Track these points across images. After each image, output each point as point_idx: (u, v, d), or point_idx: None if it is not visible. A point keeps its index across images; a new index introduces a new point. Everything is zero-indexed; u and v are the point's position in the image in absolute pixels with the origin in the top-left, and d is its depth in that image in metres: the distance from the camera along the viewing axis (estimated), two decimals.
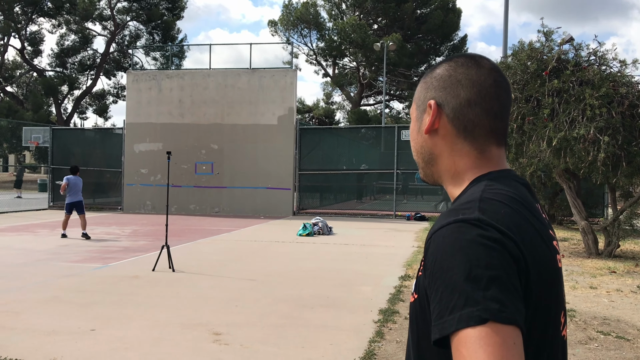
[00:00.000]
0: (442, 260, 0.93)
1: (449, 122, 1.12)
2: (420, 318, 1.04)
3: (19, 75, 48.28)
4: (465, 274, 0.90)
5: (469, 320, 0.86)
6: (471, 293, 0.88)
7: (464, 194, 1.09)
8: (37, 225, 15.21)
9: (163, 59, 44.40)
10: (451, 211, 1.02)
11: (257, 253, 10.69)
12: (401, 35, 37.88)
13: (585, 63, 9.89)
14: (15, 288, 7.10)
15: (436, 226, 1.00)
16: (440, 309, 0.91)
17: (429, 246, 0.99)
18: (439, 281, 0.93)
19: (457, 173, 1.13)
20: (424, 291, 1.00)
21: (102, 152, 22.35)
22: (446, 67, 1.15)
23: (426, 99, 1.16)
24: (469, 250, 0.92)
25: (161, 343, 4.98)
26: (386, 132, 21.28)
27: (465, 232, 0.94)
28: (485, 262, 0.91)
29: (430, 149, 1.16)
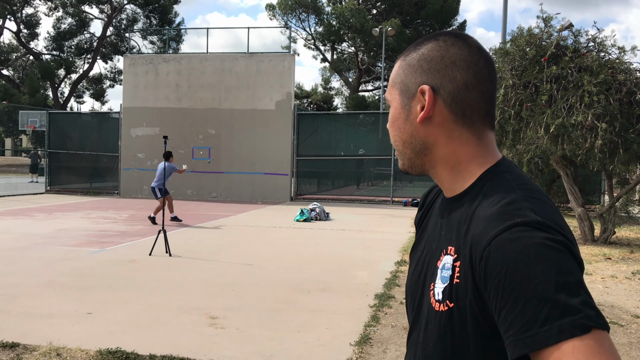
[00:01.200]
0: (517, 269, 0.86)
1: (446, 108, 1.03)
2: (459, 328, 0.97)
3: (15, 58, 47.97)
4: (553, 282, 0.83)
5: (573, 330, 0.80)
6: (567, 301, 0.82)
7: (485, 189, 1.01)
8: (34, 209, 15.20)
9: (160, 43, 44.16)
10: (498, 214, 0.93)
11: (254, 238, 10.71)
12: (400, 20, 37.67)
13: (584, 49, 9.86)
14: (12, 272, 7.11)
15: (490, 230, 0.91)
16: (524, 321, 0.83)
17: (490, 255, 0.89)
18: (518, 292, 0.85)
19: (458, 162, 1.06)
20: (470, 299, 0.94)
21: (99, 137, 22.30)
22: (435, 47, 1.06)
23: (415, 84, 1.06)
24: (546, 256, 0.86)
25: (157, 326, 5.00)
26: (384, 118, 21.23)
27: (533, 237, 0.87)
28: (566, 267, 0.86)
29: (423, 137, 1.06)
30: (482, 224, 0.94)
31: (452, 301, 0.98)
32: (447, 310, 0.99)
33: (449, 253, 1.02)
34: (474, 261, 0.93)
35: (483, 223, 0.94)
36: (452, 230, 1.03)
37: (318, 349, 4.54)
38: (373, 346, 4.58)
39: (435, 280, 1.03)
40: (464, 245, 0.98)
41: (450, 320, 0.98)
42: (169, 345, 4.48)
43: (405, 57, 1.10)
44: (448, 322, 0.99)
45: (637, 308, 5.97)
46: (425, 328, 1.06)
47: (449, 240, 1.03)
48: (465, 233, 0.98)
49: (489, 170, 1.04)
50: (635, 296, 6.51)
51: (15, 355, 4.21)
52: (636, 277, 7.56)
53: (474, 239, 0.94)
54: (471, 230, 0.96)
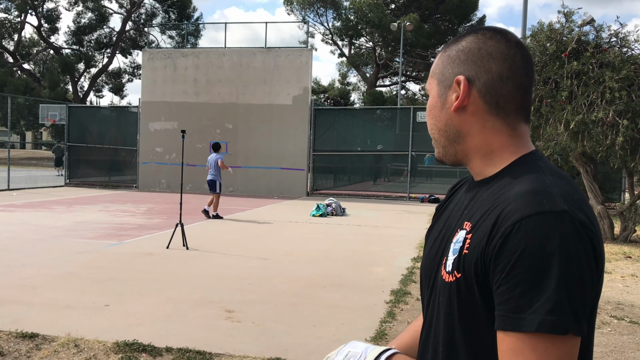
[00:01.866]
0: (532, 255, 0.91)
1: (480, 98, 1.08)
2: (465, 297, 1.02)
3: (35, 52, 48.51)
4: (557, 279, 0.90)
5: (552, 327, 0.89)
6: (560, 302, 0.89)
7: (513, 171, 1.05)
8: (53, 202, 15.38)
9: (178, 38, 44.35)
10: (527, 194, 0.97)
11: (270, 233, 10.73)
12: (419, 15, 37.42)
13: (605, 45, 9.71)
14: (32, 263, 7.20)
15: (518, 211, 0.95)
16: (518, 303, 0.91)
17: (512, 233, 0.94)
18: (524, 275, 0.91)
19: (491, 151, 1.09)
20: (473, 271, 0.99)
21: (118, 131, 22.48)
22: (474, 40, 1.10)
23: (452, 74, 1.11)
24: (561, 251, 0.91)
25: (174, 319, 5.03)
26: (402, 114, 21.14)
27: (556, 229, 0.92)
28: (579, 266, 0.91)
29: (457, 126, 1.11)
30: (512, 203, 0.98)
31: (460, 271, 1.02)
32: (455, 280, 1.03)
33: (464, 228, 1.06)
34: (493, 236, 0.97)
35: (513, 203, 0.98)
36: (475, 208, 1.07)
37: (334, 344, 4.53)
38: (389, 342, 4.55)
39: (448, 254, 1.07)
40: (484, 220, 1.01)
41: (458, 290, 1.02)
42: (186, 338, 4.51)
43: (445, 50, 1.15)
44: (455, 292, 1.03)
45: None
46: (438, 301, 1.09)
47: (468, 217, 1.07)
48: (489, 210, 1.02)
49: (522, 157, 1.08)
50: None
51: (34, 345, 4.26)
52: None
53: (501, 215, 0.97)
54: (498, 208, 0.99)
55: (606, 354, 4.43)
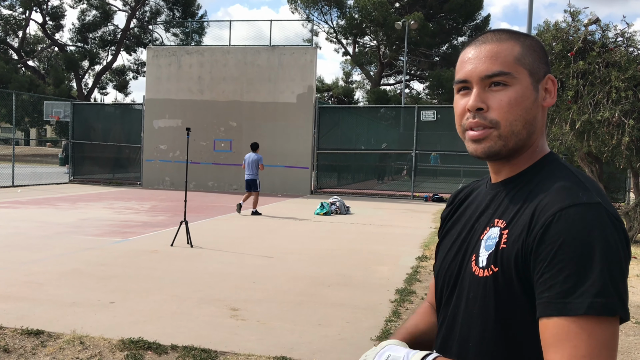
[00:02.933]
0: (573, 243, 0.94)
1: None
2: (504, 291, 1.04)
3: (40, 49, 48.60)
4: (602, 263, 0.93)
5: (602, 309, 0.91)
6: (605, 286, 0.92)
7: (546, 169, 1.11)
8: (58, 198, 15.41)
9: (183, 35, 44.40)
10: (563, 189, 1.02)
11: (274, 231, 10.73)
12: (423, 14, 37.35)
13: (612, 44, 9.67)
14: (37, 260, 7.22)
15: (557, 203, 1.00)
16: (563, 289, 0.93)
17: (552, 223, 0.97)
18: (567, 262, 0.94)
19: (538, 147, 1.16)
20: (513, 264, 1.02)
21: (122, 128, 22.50)
22: (537, 41, 1.17)
23: (542, 70, 1.14)
24: (605, 237, 0.95)
25: (179, 317, 5.03)
26: (405, 113, 21.10)
27: (598, 217, 0.97)
28: (618, 253, 0.95)
29: (539, 122, 1.15)
30: (548, 197, 1.02)
31: (497, 265, 1.04)
32: (492, 274, 1.05)
33: (495, 225, 1.09)
34: (533, 227, 1.00)
35: (549, 196, 1.02)
36: (504, 207, 1.11)
37: (339, 342, 4.53)
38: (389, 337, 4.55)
39: (479, 251, 1.10)
40: (521, 215, 1.05)
41: (495, 284, 1.04)
42: (191, 335, 4.51)
43: (519, 39, 1.14)
44: (492, 285, 1.05)
45: None
46: (467, 297, 1.11)
47: (499, 215, 1.11)
48: (524, 205, 1.06)
49: (546, 157, 1.15)
50: None
51: (39, 342, 4.27)
52: None
53: (538, 208, 1.02)
54: (534, 203, 1.04)
55: None
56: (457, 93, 1.17)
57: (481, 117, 1.10)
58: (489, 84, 1.10)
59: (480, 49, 1.13)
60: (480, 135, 1.11)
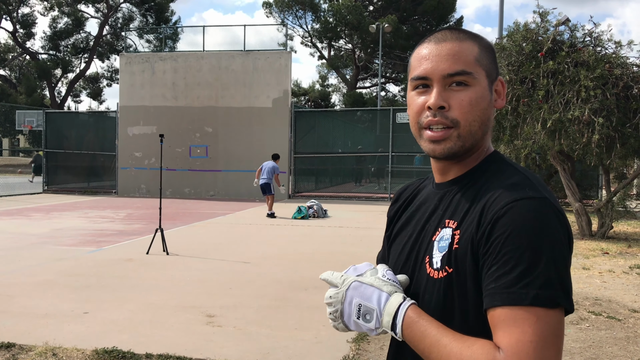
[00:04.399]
0: (519, 236, 0.96)
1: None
2: (458, 291, 1.05)
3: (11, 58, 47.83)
4: (548, 255, 0.95)
5: (546, 301, 0.93)
6: (552, 275, 0.94)
7: (493, 169, 1.12)
8: (31, 209, 15.17)
9: (157, 42, 44.04)
10: (511, 186, 1.03)
11: (251, 236, 10.69)
12: (397, 16, 37.60)
13: (580, 44, 9.84)
14: (8, 271, 7.09)
15: (504, 199, 1.01)
16: (508, 279, 0.94)
17: (499, 218, 0.99)
18: (513, 254, 0.95)
19: (485, 147, 1.17)
20: (465, 263, 1.03)
21: (96, 136, 22.24)
22: (490, 43, 1.18)
23: (495, 71, 1.16)
24: (551, 230, 0.97)
25: (154, 325, 4.98)
26: (382, 115, 21.19)
27: (543, 210, 0.98)
28: (563, 246, 0.97)
29: (491, 122, 1.16)
30: (496, 193, 1.03)
31: (451, 266, 1.05)
32: (446, 275, 1.06)
33: (447, 226, 1.09)
34: (482, 224, 1.01)
35: (497, 193, 1.03)
36: (454, 206, 1.11)
37: (315, 346, 4.53)
38: (370, 343, 4.57)
39: (432, 252, 1.10)
40: (471, 214, 1.05)
41: (450, 284, 1.05)
42: (166, 344, 4.47)
43: (475, 40, 1.14)
44: (448, 286, 1.05)
45: (634, 302, 5.97)
46: (422, 299, 1.10)
47: (449, 215, 1.11)
48: (474, 203, 1.06)
49: (491, 155, 1.15)
50: (632, 290, 6.51)
51: (11, 355, 4.19)
52: (633, 272, 7.56)
53: (487, 206, 1.03)
54: (482, 201, 1.05)
55: (584, 349, 4.48)
56: (413, 90, 1.13)
57: (442, 115, 1.08)
58: (450, 82, 1.08)
59: (441, 47, 1.10)
60: (440, 137, 1.09)
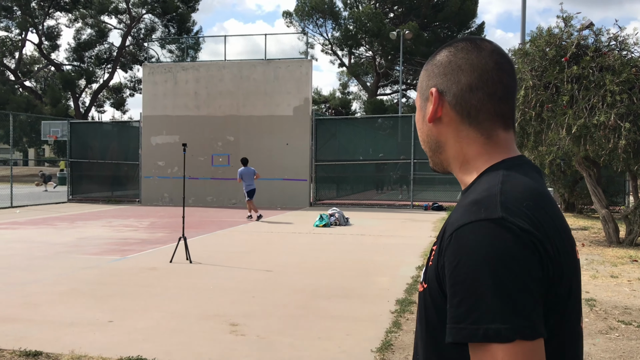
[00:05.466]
0: (466, 265, 0.91)
1: (452, 109, 1.10)
2: (431, 308, 1.03)
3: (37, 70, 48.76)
4: (493, 286, 0.88)
5: (496, 336, 0.86)
6: (500, 308, 0.87)
7: (479, 182, 1.06)
8: (56, 218, 15.38)
9: (178, 52, 44.52)
10: (471, 204, 0.98)
11: (273, 244, 10.70)
12: (417, 23, 37.54)
13: (605, 48, 9.70)
14: (34, 280, 7.18)
15: (457, 221, 0.96)
16: (458, 313, 0.90)
17: (450, 244, 0.95)
18: (461, 285, 0.91)
19: (466, 160, 1.11)
20: (435, 282, 1.01)
21: (120, 145, 22.50)
22: (446, 54, 1.13)
23: (428, 87, 1.14)
24: (495, 258, 0.89)
25: (178, 334, 4.99)
26: (403, 122, 21.13)
27: (491, 236, 0.91)
28: (512, 272, 0.89)
29: (435, 137, 1.14)
30: (455, 214, 1.01)
31: (426, 282, 1.05)
32: (423, 290, 1.07)
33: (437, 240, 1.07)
34: (442, 248, 0.98)
35: (455, 213, 1.01)
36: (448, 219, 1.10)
37: (339, 355, 4.49)
38: (395, 352, 4.52)
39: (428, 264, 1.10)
40: (441, 232, 1.03)
41: (424, 299, 1.05)
42: (190, 352, 4.47)
43: (425, 65, 1.19)
44: (423, 301, 1.06)
45: None
46: (418, 310, 1.12)
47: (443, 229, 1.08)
48: (448, 220, 1.04)
49: (493, 167, 1.08)
50: None
51: None
52: None
53: (447, 227, 1.00)
54: (451, 218, 1.02)
55: (614, 359, 4.37)
56: None
57: None
58: None
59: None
60: None
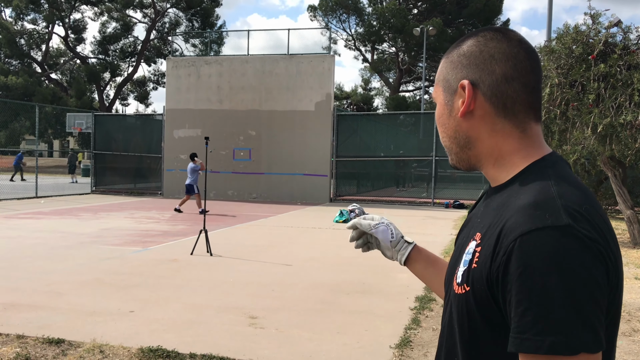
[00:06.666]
0: (533, 273, 0.87)
1: (487, 101, 1.05)
2: (474, 312, 0.99)
3: (62, 62, 49.39)
4: (561, 297, 0.85)
5: (563, 349, 0.84)
6: (567, 320, 0.85)
7: (523, 181, 1.01)
8: (80, 209, 15.59)
9: (202, 46, 44.77)
10: (531, 208, 0.93)
11: (293, 239, 10.72)
12: (442, 19, 37.25)
13: (634, 46, 9.52)
14: (58, 269, 7.29)
15: (520, 226, 0.91)
16: (524, 323, 0.87)
17: (514, 249, 0.90)
18: (527, 294, 0.88)
19: (502, 156, 1.07)
20: (484, 285, 0.96)
21: (143, 138, 22.73)
22: (474, 43, 1.08)
23: (456, 80, 1.09)
24: (564, 266, 0.86)
25: (198, 325, 5.03)
26: (425, 119, 21.01)
27: (558, 244, 0.88)
28: (581, 282, 0.86)
29: (466, 132, 1.09)
30: (514, 217, 0.94)
31: (469, 285, 0.99)
32: (464, 293, 1.01)
33: (474, 239, 1.03)
34: (498, 251, 0.94)
35: (515, 216, 0.94)
36: (486, 218, 1.04)
37: (357, 351, 4.49)
38: (414, 349, 4.51)
39: (460, 264, 1.05)
40: (491, 232, 0.98)
41: (467, 303, 1.00)
42: (209, 344, 4.51)
43: (447, 56, 1.14)
44: (464, 305, 1.00)
45: None
46: (450, 310, 1.08)
47: (480, 227, 1.04)
48: (495, 222, 0.99)
49: (533, 164, 1.04)
50: None
51: (60, 351, 4.30)
52: None
53: (504, 230, 0.94)
54: (502, 221, 0.96)
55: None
56: None
57: None
58: None
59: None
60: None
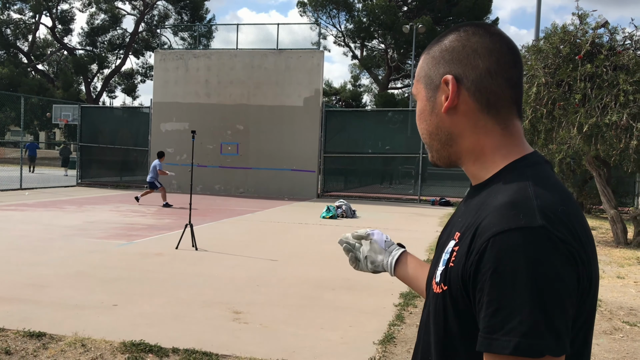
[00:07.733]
0: (504, 274, 0.87)
1: (470, 97, 1.03)
2: (451, 310, 0.99)
3: (49, 53, 48.91)
4: (530, 300, 0.86)
5: (527, 351, 0.85)
6: (534, 323, 0.85)
7: (502, 180, 1.00)
8: (65, 201, 15.46)
9: (191, 39, 44.53)
10: (506, 208, 0.92)
11: (280, 234, 10.71)
12: (431, 17, 37.30)
13: (620, 47, 9.60)
14: (41, 262, 7.22)
15: (494, 226, 0.91)
16: (492, 323, 0.88)
17: (486, 249, 0.90)
18: (497, 294, 0.88)
19: (483, 153, 1.05)
20: (460, 284, 0.96)
21: (130, 131, 22.57)
22: (456, 38, 1.06)
23: (439, 75, 1.06)
24: (534, 270, 0.86)
25: (181, 320, 5.01)
26: (413, 116, 20.94)
27: (530, 245, 0.87)
28: (551, 286, 0.87)
29: (448, 128, 1.07)
30: (489, 216, 0.94)
31: (446, 284, 0.99)
32: (442, 292, 1.01)
33: (454, 238, 1.03)
34: (472, 251, 0.93)
35: (490, 216, 0.94)
36: (466, 217, 1.04)
37: (341, 346, 4.50)
38: (397, 345, 4.52)
39: (440, 264, 1.05)
40: (468, 232, 0.97)
41: (444, 302, 1.00)
42: (192, 339, 4.49)
43: (428, 51, 1.12)
44: (441, 304, 1.01)
45: None
46: (428, 308, 1.08)
47: (459, 226, 1.04)
48: (473, 221, 0.98)
49: (513, 163, 1.03)
50: None
51: (41, 344, 4.26)
52: None
53: (479, 229, 0.94)
54: (479, 220, 0.96)
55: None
56: None
57: None
58: None
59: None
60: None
